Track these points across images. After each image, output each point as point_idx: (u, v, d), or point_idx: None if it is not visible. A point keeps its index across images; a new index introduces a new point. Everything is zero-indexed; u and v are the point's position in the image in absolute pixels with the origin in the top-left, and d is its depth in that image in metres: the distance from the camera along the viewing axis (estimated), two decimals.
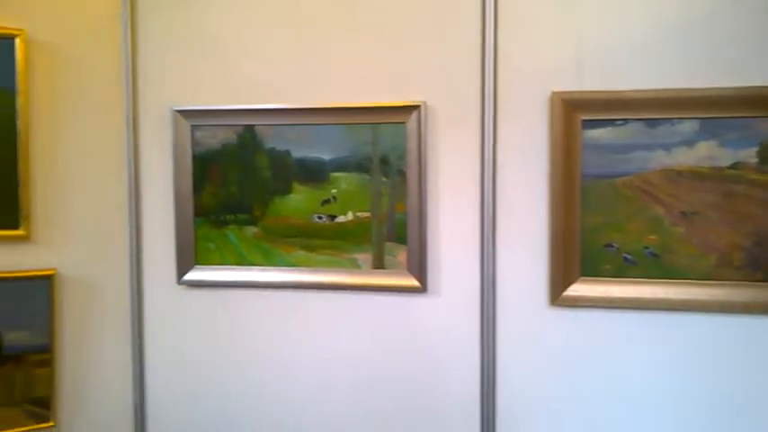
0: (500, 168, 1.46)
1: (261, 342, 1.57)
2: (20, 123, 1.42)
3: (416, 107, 1.44)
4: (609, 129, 1.36)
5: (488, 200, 1.45)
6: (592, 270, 1.40)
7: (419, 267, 1.48)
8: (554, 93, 1.37)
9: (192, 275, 1.55)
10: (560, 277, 1.41)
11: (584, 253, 1.40)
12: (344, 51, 1.50)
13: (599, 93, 1.37)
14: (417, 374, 1.52)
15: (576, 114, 1.37)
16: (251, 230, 1.52)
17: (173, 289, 1.58)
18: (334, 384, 1.55)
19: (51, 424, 1.51)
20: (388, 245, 1.49)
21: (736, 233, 1.34)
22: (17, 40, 1.41)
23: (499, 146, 1.45)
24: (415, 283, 1.47)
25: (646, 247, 1.36)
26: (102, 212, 1.57)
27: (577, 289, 1.41)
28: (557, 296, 1.41)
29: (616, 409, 1.41)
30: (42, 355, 1.51)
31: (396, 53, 1.48)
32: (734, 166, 1.35)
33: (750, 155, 1.34)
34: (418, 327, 1.52)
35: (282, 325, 1.56)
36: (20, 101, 1.41)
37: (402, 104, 1.45)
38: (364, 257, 1.50)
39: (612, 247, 1.38)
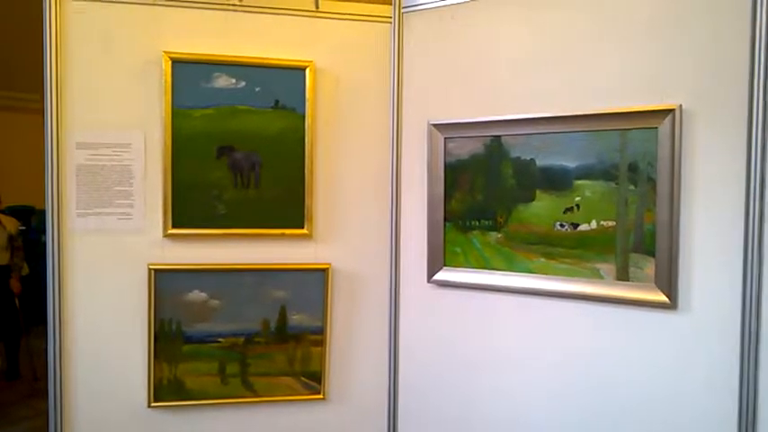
0: None
1: (498, 341, 1.90)
2: (307, 141, 1.96)
3: (671, 111, 1.58)
4: None
5: (755, 212, 1.51)
6: None
7: (668, 281, 1.61)
8: None
9: (440, 275, 1.96)
10: None
11: None
12: (593, 57, 1.72)
13: None
14: (660, 400, 1.65)
15: None
16: (494, 236, 1.85)
17: (423, 286, 2.01)
18: (568, 395, 1.78)
19: (321, 396, 2.04)
20: (634, 256, 1.65)
21: None
22: (307, 71, 1.95)
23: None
24: (663, 297, 1.61)
25: None
26: (369, 216, 2.09)
27: None
28: None
29: None
30: (317, 336, 2.04)
31: (647, 54, 1.64)
32: None
33: None
34: (664, 345, 1.64)
35: (520, 328, 1.86)
36: (308, 122, 1.96)
37: (654, 108, 1.60)
38: (607, 268, 1.69)
39: None
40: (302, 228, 2.01)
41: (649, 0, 1.62)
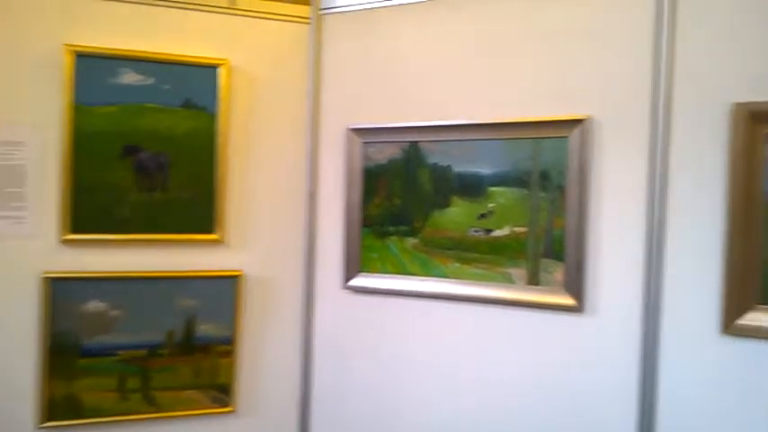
0: (671, 185, 1.59)
1: (414, 347, 1.91)
2: (219, 142, 1.91)
3: (580, 121, 1.65)
4: None
5: (656, 219, 1.60)
6: None
7: (576, 285, 1.68)
8: (736, 104, 1.49)
9: (356, 281, 1.96)
10: (735, 304, 1.51)
11: (765, 278, 1.48)
12: (507, 67, 1.78)
13: None
14: (567, 398, 1.72)
15: (760, 128, 1.48)
16: (411, 241, 1.86)
17: (339, 292, 2.00)
18: (482, 396, 1.82)
19: (230, 409, 1.98)
20: (545, 261, 1.71)
21: None
22: (221, 69, 1.90)
23: (671, 162, 1.59)
24: (570, 301, 1.68)
25: None
26: (283, 220, 2.05)
27: (754, 318, 1.50)
28: (729, 324, 1.52)
29: None
30: (226, 347, 1.98)
31: (560, 65, 1.71)
32: None
33: None
34: (571, 347, 1.71)
35: (435, 333, 1.88)
36: (219, 122, 1.91)
37: (565, 118, 1.68)
38: (519, 273, 1.74)
39: None
40: (212, 233, 1.94)
41: (562, 13, 1.69)
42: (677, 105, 1.58)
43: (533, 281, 1.71)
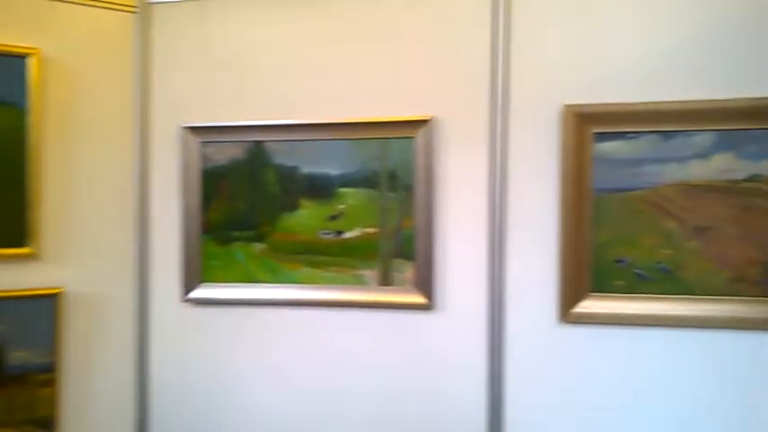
0: (510, 183, 1.66)
1: (266, 359, 1.81)
2: (30, 141, 1.67)
3: (425, 121, 1.66)
4: (621, 142, 1.57)
5: (498, 215, 1.66)
6: (603, 286, 1.60)
7: (426, 284, 1.70)
8: (566, 106, 1.58)
9: (197, 293, 1.80)
10: (570, 293, 1.61)
11: (595, 268, 1.60)
12: (353, 67, 1.74)
13: (611, 105, 1.58)
14: (423, 391, 1.74)
15: (587, 128, 1.58)
16: (258, 247, 1.76)
17: (178, 306, 1.83)
18: (340, 402, 1.77)
19: None
20: (396, 261, 1.70)
21: (752, 248, 1.53)
22: (30, 59, 1.67)
23: (510, 160, 1.66)
24: (422, 299, 1.69)
25: (658, 263, 1.55)
26: (111, 229, 1.83)
27: (588, 305, 1.60)
28: (566, 313, 1.61)
29: (627, 427, 1.60)
30: (46, 375, 1.74)
31: (405, 68, 1.71)
32: (751, 179, 1.53)
33: (767, 167, 1.48)
34: (425, 344, 1.73)
35: (288, 342, 1.80)
36: (31, 118, 1.67)
37: (411, 119, 1.68)
38: (371, 274, 1.72)
39: (624, 262, 1.57)
40: (25, 246, 1.69)
41: (406, 13, 1.70)
42: (514, 106, 1.66)
43: (386, 281, 1.70)
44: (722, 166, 1.52)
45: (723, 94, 1.53)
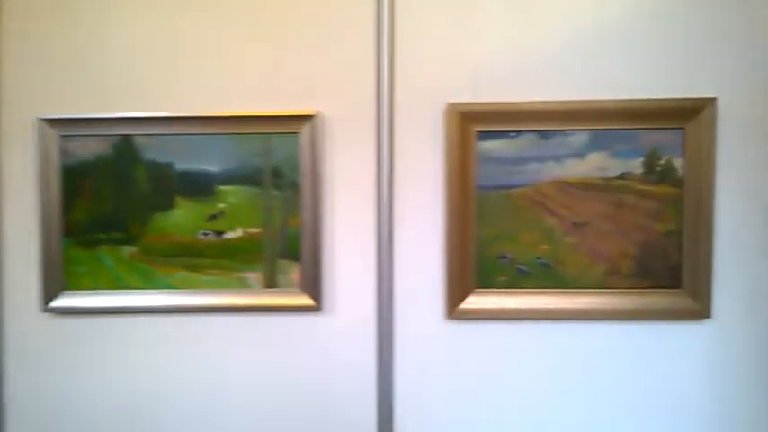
0: (397, 181, 1.65)
1: (140, 372, 1.68)
2: None
3: (310, 117, 1.60)
4: (503, 140, 1.59)
5: (384, 213, 1.63)
6: (487, 282, 1.62)
7: (313, 285, 1.64)
8: (449, 104, 1.57)
9: (60, 302, 1.64)
10: (456, 290, 1.62)
11: (480, 265, 1.62)
12: (234, 58, 1.65)
13: (493, 104, 1.59)
14: (314, 393, 1.69)
15: (470, 126, 1.59)
16: (128, 250, 1.62)
17: (38, 317, 1.66)
18: (225, 410, 1.68)
19: None
20: (281, 262, 1.63)
21: (625, 242, 1.60)
22: None
23: (396, 158, 1.64)
24: (309, 301, 1.64)
25: (538, 258, 1.59)
26: None
27: (473, 301, 1.62)
28: (453, 309, 1.62)
29: (508, 421, 1.65)
30: None
31: (290, 61, 1.64)
32: (621, 177, 1.59)
33: (636, 165, 1.57)
34: (314, 347, 1.68)
35: (165, 352, 1.68)
36: None
37: (295, 114, 1.62)
38: (255, 276, 1.64)
39: (506, 258, 1.60)
40: None
41: (293, 6, 1.63)
42: (399, 103, 1.64)
43: (271, 283, 1.63)
44: (596, 165, 1.58)
45: (597, 95, 1.58)
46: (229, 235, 1.63)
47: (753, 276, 1.63)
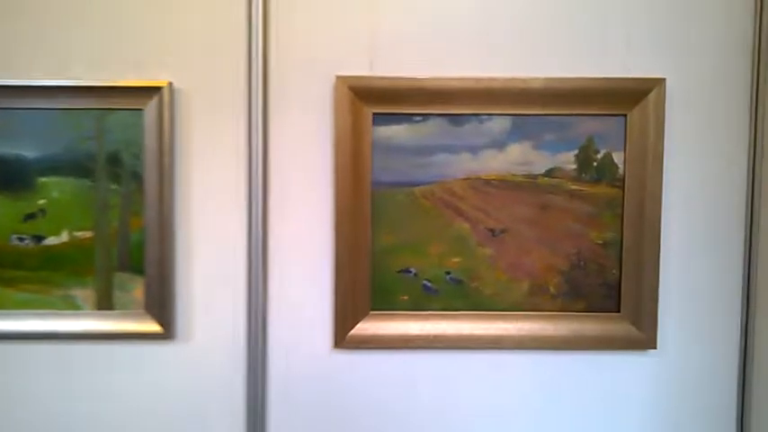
0: (272, 174, 1.32)
1: None
2: None
3: (157, 89, 1.26)
4: (405, 126, 1.30)
5: (256, 215, 1.31)
6: (385, 302, 1.33)
7: (161, 306, 1.30)
8: (339, 78, 1.27)
9: None
10: (346, 313, 1.31)
11: (376, 281, 1.32)
12: (60, 13, 1.29)
13: (393, 80, 1.28)
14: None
15: (365, 107, 1.30)
16: None
17: None
18: None
19: None
20: (119, 276, 1.31)
21: (553, 254, 1.34)
22: None
23: (271, 145, 1.32)
24: (155, 327, 1.31)
25: (448, 273, 1.31)
26: None
27: (367, 327, 1.33)
28: (342, 336, 1.32)
29: None
30: None
31: (130, 20, 1.29)
32: (550, 174, 1.32)
33: (568, 160, 1.31)
34: (163, 384, 1.34)
35: None
36: None
37: (137, 85, 1.27)
38: (85, 294, 1.31)
39: (409, 272, 1.32)
40: None
41: None
42: (276, 76, 1.32)
43: (105, 303, 1.32)
44: (519, 158, 1.31)
45: (521, 71, 1.30)
46: (52, 240, 1.30)
47: (707, 297, 1.34)
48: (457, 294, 1.34)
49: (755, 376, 1.33)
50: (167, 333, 1.30)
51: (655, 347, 1.33)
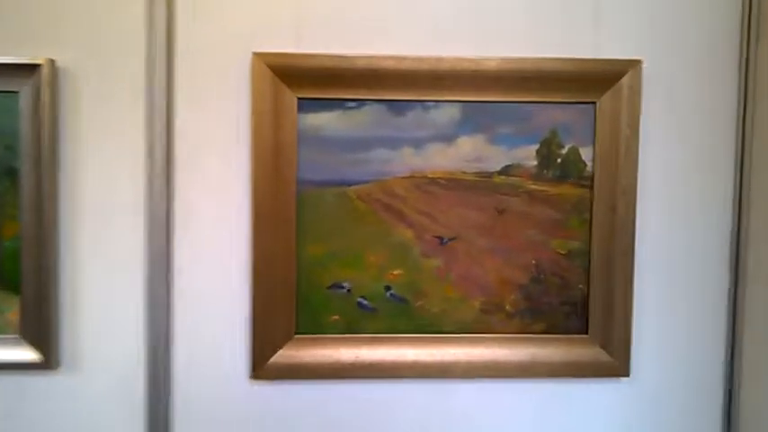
0: (177, 169, 1.12)
1: None
2: None
3: (35, 68, 1.06)
4: (338, 113, 1.12)
5: (158, 218, 1.11)
6: (313, 324, 1.14)
7: (40, 330, 1.10)
8: (256, 55, 1.08)
9: None
10: (265, 336, 1.12)
11: (303, 298, 1.13)
12: None
13: (322, 58, 1.09)
14: None
15: (289, 90, 1.11)
16: None
17: None
18: None
19: None
20: None
21: (510, 266, 1.16)
22: None
23: (176, 134, 1.11)
24: (33, 355, 1.10)
25: (388, 288, 1.15)
26: None
27: (291, 354, 1.13)
28: (261, 365, 1.12)
29: None
30: None
31: None
32: (506, 172, 1.15)
33: (527, 155, 1.14)
34: (45, 422, 1.14)
35: None
36: None
37: (11, 62, 1.06)
38: None
39: (342, 288, 1.15)
40: None
41: None
42: (183, 52, 1.12)
43: None
44: (470, 153, 1.15)
45: (474, 50, 1.11)
46: None
47: (688, 317, 1.17)
48: (398, 314, 1.15)
49: (742, 409, 1.16)
50: (49, 362, 1.09)
51: (627, 375, 1.16)
